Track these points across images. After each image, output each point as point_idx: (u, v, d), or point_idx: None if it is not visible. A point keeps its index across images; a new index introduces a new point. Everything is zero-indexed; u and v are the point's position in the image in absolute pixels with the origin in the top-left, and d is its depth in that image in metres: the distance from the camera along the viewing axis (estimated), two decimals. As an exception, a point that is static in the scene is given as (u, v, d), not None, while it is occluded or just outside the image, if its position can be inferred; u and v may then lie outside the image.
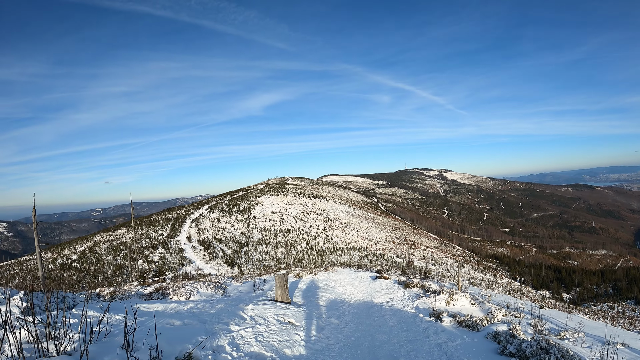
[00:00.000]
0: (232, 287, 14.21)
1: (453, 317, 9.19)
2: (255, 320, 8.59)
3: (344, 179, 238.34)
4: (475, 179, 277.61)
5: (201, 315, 8.84)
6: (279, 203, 63.89)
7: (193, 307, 9.82)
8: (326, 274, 18.13)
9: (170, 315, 8.50)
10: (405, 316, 10.29)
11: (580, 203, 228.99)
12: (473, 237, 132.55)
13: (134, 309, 8.25)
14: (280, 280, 10.96)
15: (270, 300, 10.83)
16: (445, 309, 10.51)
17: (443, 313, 9.56)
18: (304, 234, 49.24)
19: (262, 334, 7.70)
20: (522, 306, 15.12)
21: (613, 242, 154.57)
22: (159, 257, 35.64)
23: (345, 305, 11.81)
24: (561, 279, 67.64)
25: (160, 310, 9.24)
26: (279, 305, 10.15)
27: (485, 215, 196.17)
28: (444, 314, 9.45)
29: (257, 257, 38.25)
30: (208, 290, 12.84)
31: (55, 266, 35.59)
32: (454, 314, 9.46)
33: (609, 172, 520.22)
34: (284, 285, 10.93)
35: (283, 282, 10.94)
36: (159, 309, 9.38)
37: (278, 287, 10.91)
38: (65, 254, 40.01)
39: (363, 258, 41.58)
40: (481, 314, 10.03)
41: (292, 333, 8.19)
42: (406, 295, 12.74)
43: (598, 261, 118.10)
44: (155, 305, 9.80)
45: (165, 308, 9.54)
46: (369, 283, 15.68)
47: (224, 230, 46.14)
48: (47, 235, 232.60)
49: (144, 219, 53.78)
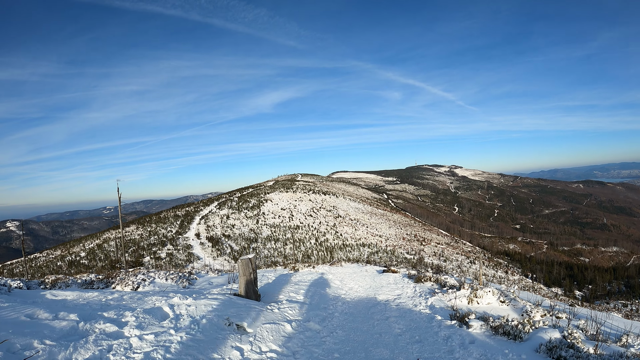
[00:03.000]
0: (204, 279, 12.38)
1: (483, 321, 7.04)
2: (177, 320, 6.22)
3: (353, 175, 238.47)
4: (485, 175, 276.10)
5: (104, 308, 6.69)
6: (289, 199, 63.58)
7: (111, 299, 7.49)
8: (328, 267, 16.59)
9: (63, 307, 6.49)
10: (417, 319, 7.94)
11: (591, 199, 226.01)
12: (484, 234, 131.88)
13: (40, 296, 7.37)
14: (245, 269, 8.49)
15: (231, 295, 8.45)
16: (469, 309, 8.52)
17: (469, 315, 7.39)
18: (313, 230, 48.82)
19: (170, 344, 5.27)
20: (552, 304, 12.20)
21: (625, 239, 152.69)
22: (167, 253, 35.39)
23: (338, 304, 9.59)
24: (573, 275, 66.87)
25: (70, 299, 7.34)
26: (234, 302, 7.68)
27: (495, 211, 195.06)
28: (470, 316, 7.31)
29: (265, 254, 37.90)
30: (167, 281, 11.17)
31: (63, 263, 35.47)
32: (482, 315, 7.52)
33: (620, 168, 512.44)
34: (251, 275, 8.53)
35: (249, 270, 8.52)
36: (70, 297, 7.46)
37: (242, 276, 8.50)
38: (74, 251, 39.95)
39: (373, 254, 41.06)
40: (515, 314, 8.21)
41: (230, 345, 5.72)
42: (417, 292, 10.83)
43: (610, 258, 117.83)
44: (72, 294, 7.74)
45: (78, 297, 7.52)
46: (374, 277, 14.06)
47: (233, 227, 45.87)
48: (59, 233, 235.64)
49: (153, 216, 53.75)
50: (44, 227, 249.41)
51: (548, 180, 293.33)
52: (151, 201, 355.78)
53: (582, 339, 5.90)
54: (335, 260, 22.23)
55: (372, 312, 8.67)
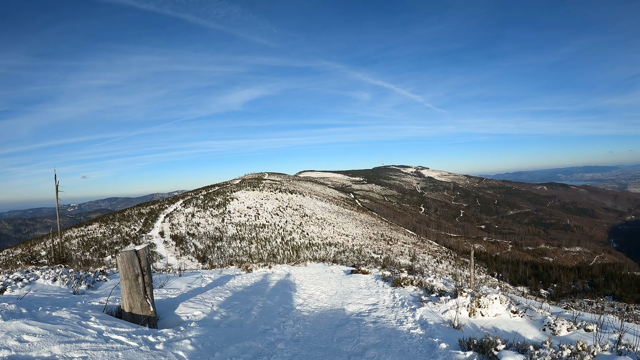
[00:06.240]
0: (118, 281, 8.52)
1: (520, 353, 4.50)
2: None
3: (321, 175, 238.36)
4: (452, 177, 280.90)
5: None
6: (255, 198, 63.71)
7: None
8: (289, 267, 14.91)
9: None
10: (409, 349, 5.20)
11: (555, 201, 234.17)
12: (450, 234, 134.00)
13: None
14: (128, 268, 5.01)
15: (100, 314, 5.08)
16: (474, 324, 6.42)
17: (495, 342, 4.72)
18: (280, 229, 49.25)
19: None
20: (574, 314, 9.22)
21: (588, 239, 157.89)
22: (130, 252, 35.18)
23: (289, 323, 6.51)
24: (538, 275, 68.21)
25: None
26: (84, 330, 4.34)
27: (461, 212, 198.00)
28: (498, 346, 4.66)
29: (230, 253, 38.10)
30: (55, 282, 7.98)
31: (23, 262, 34.78)
32: (500, 338, 4.89)
33: (583, 172, 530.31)
34: (138, 279, 5.07)
35: (135, 271, 5.04)
36: None
37: (124, 280, 5.06)
38: (34, 250, 39.15)
39: (339, 254, 41.73)
40: (535, 329, 6.42)
41: None
42: (398, 299, 8.47)
43: (573, 258, 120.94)
44: None
45: None
46: (341, 279, 12.08)
47: (198, 225, 45.85)
48: (21, 231, 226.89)
49: (117, 214, 53.03)
50: (6, 225, 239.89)
51: (513, 182, 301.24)
52: (116, 199, 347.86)
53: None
54: (300, 260, 20.75)
55: (339, 338, 5.76)
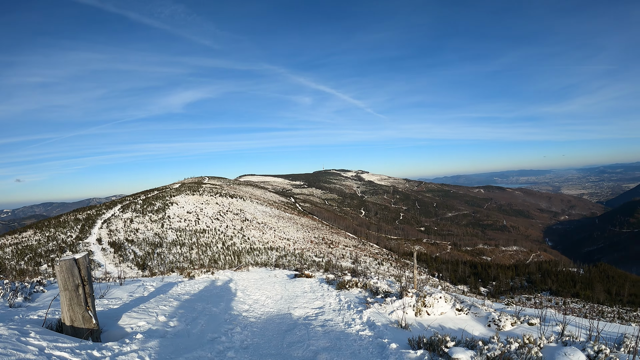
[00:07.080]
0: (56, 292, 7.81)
1: (470, 349, 4.60)
2: None
3: (261, 179, 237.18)
4: (391, 180, 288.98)
5: None
6: (195, 203, 64.08)
7: None
8: (231, 273, 14.65)
9: None
10: (360, 350, 5.36)
11: (492, 203, 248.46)
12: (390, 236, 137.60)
13: None
14: (68, 278, 4.72)
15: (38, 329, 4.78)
16: (420, 323, 6.73)
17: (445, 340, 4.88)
18: (221, 234, 50.17)
19: None
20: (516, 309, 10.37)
21: (524, 239, 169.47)
22: (66, 259, 34.90)
23: (236, 330, 6.50)
24: (477, 273, 70.46)
25: None
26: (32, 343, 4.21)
27: (401, 215, 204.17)
28: (448, 343, 4.83)
29: (171, 259, 38.59)
30: None
31: (-53, 271, 33.68)
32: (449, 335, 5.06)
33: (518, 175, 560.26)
34: (78, 289, 4.75)
35: (75, 281, 4.74)
36: None
37: (63, 292, 4.73)
38: (-40, 259, 37.81)
39: (281, 258, 43.14)
40: (480, 325, 6.84)
41: None
42: (344, 302, 8.65)
43: (510, 257, 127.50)
44: None
45: None
46: (285, 284, 12.22)
47: (137, 231, 45.93)
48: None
49: (53, 220, 51.79)
50: None
51: (451, 185, 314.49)
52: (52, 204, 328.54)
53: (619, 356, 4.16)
54: (242, 265, 20.97)
55: (289, 343, 5.83)
